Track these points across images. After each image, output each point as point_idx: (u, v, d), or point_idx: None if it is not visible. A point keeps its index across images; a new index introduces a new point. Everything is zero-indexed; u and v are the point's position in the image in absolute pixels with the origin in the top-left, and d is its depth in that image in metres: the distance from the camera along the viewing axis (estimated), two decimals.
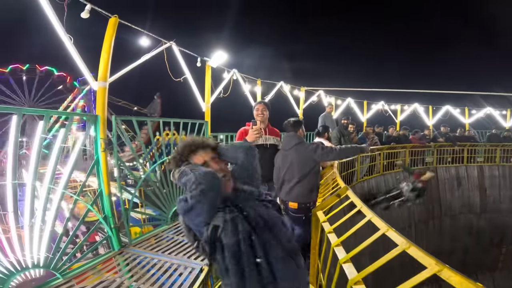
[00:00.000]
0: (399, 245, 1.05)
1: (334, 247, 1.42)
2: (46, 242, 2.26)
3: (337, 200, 1.99)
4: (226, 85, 5.46)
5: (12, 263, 2.13)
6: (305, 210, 2.69)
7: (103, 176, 2.74)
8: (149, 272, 2.60)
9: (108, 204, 2.82)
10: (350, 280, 1.14)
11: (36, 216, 2.21)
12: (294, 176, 2.69)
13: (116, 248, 2.98)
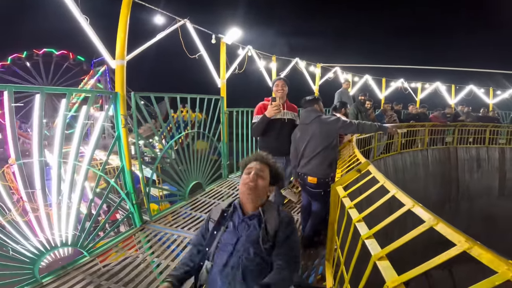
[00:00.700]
0: (426, 221, 1.00)
1: (355, 223, 1.39)
2: (73, 220, 2.37)
3: (358, 175, 1.96)
4: (241, 61, 5.43)
5: (42, 243, 2.23)
6: (324, 185, 2.67)
7: (124, 152, 2.82)
8: (169, 248, 2.74)
9: (130, 180, 2.92)
10: (373, 256, 1.11)
11: (63, 194, 2.31)
12: (315, 149, 2.66)
13: (137, 224, 3.12)
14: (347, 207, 1.58)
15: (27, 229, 2.13)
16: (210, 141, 4.44)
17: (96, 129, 2.67)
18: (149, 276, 2.32)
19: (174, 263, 2.51)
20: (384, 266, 1.02)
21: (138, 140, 3.09)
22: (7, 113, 1.96)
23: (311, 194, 2.85)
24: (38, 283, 2.16)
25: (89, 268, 2.40)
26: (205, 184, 4.43)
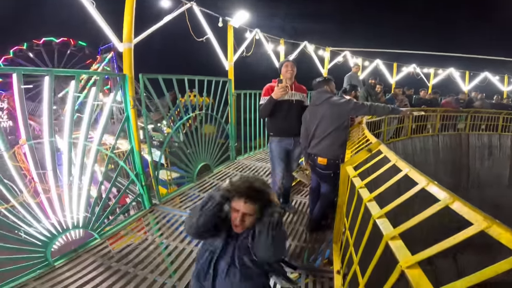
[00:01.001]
0: (442, 199, 0.94)
1: (366, 203, 1.36)
2: (84, 202, 2.40)
3: (368, 155, 1.93)
4: (249, 44, 5.34)
5: (54, 225, 2.27)
6: (333, 167, 2.65)
7: (133, 133, 2.85)
8: (178, 230, 2.78)
9: (139, 161, 2.95)
10: (385, 235, 1.06)
11: (73, 175, 2.34)
12: (325, 130, 2.64)
13: (147, 206, 3.18)
14: (357, 187, 1.55)
15: (39, 211, 2.16)
16: (218, 124, 4.45)
17: (105, 111, 2.68)
18: (157, 258, 2.37)
19: (183, 244, 2.56)
20: (397, 246, 0.97)
21: (147, 123, 3.08)
22: (17, 94, 1.98)
23: (320, 175, 2.84)
24: (50, 266, 2.21)
25: (100, 250, 2.45)
26: (213, 166, 4.47)
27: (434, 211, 0.95)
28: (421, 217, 0.98)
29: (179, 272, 2.20)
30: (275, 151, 3.09)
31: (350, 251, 1.67)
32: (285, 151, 3.10)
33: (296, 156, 3.23)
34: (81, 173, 2.37)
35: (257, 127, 5.49)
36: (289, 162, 3.21)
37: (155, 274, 2.17)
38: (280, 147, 3.07)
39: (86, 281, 2.08)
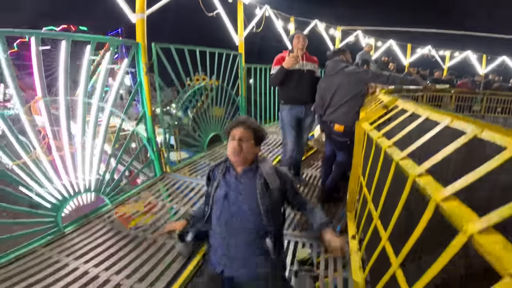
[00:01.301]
0: (470, 131, 0.88)
1: (386, 149, 1.30)
2: (96, 163, 2.41)
3: (384, 111, 1.87)
4: (259, 21, 5.31)
5: (66, 187, 2.26)
6: (350, 134, 2.59)
7: (146, 98, 2.88)
8: (187, 196, 2.80)
9: (151, 126, 2.98)
10: (411, 174, 0.98)
11: (87, 135, 2.35)
12: (343, 98, 2.62)
13: (158, 174, 3.22)
14: (375, 138, 1.51)
15: (51, 170, 2.16)
16: (227, 102, 4.43)
17: (118, 76, 2.66)
18: (167, 223, 2.36)
19: (193, 209, 2.56)
20: (427, 181, 0.88)
21: (160, 90, 3.08)
22: (35, 56, 2.05)
23: (336, 143, 2.82)
24: (61, 232, 2.20)
25: (111, 216, 2.47)
26: (224, 137, 4.49)
27: (462, 144, 0.89)
28: (449, 150, 0.92)
29: None
30: (285, 119, 3.08)
31: (368, 208, 1.61)
32: (296, 119, 3.08)
33: (308, 124, 3.20)
34: (95, 133, 2.38)
35: (267, 100, 5.52)
36: (300, 131, 3.19)
37: (164, 237, 2.16)
38: (291, 115, 3.05)
39: (95, 246, 2.07)
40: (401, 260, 0.99)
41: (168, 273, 1.81)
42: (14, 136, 1.91)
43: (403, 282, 0.96)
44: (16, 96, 1.96)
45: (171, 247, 2.06)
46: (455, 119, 1.04)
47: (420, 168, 0.96)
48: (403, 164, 1.10)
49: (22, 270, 1.81)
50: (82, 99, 2.29)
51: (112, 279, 1.77)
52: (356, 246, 1.93)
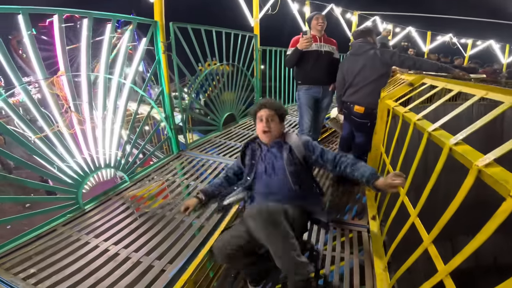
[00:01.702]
0: (506, 101, 0.87)
1: (416, 122, 1.26)
2: (116, 138, 2.44)
3: (408, 89, 1.80)
4: (274, 3, 5.20)
5: (86, 161, 2.27)
6: (371, 116, 2.55)
7: (164, 76, 2.90)
8: (203, 174, 2.81)
9: (169, 104, 3.00)
10: (447, 144, 0.93)
11: (108, 110, 2.37)
12: (367, 78, 2.56)
13: (175, 151, 3.25)
14: (402, 112, 1.45)
15: (72, 144, 2.19)
16: (243, 81, 4.43)
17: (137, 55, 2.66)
18: (190, 195, 2.41)
19: None
20: (464, 150, 0.85)
21: (177, 67, 3.07)
22: (58, 33, 2.10)
23: (356, 124, 2.77)
24: (81, 209, 2.22)
25: (130, 193, 2.50)
26: (238, 117, 4.57)
27: (497, 114, 0.86)
28: (485, 120, 0.90)
29: (206, 212, 2.19)
30: (302, 99, 3.06)
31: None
32: (313, 99, 3.06)
33: (325, 106, 3.18)
34: (115, 108, 2.40)
35: (283, 82, 5.51)
36: (317, 111, 3.17)
37: (183, 214, 2.17)
38: (308, 95, 3.03)
39: (115, 224, 2.08)
40: (435, 235, 0.96)
41: (187, 249, 1.82)
42: (37, 108, 1.94)
43: (437, 258, 0.93)
44: (39, 69, 1.98)
45: (190, 225, 2.08)
46: (491, 91, 1.01)
47: (456, 137, 0.93)
48: (437, 134, 1.05)
49: (42, 249, 1.83)
50: (103, 73, 2.32)
51: (131, 257, 1.78)
52: (376, 227, 1.91)
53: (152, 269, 1.69)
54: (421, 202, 1.13)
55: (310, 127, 3.09)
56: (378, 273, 1.53)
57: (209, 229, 1.99)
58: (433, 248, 0.98)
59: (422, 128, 1.17)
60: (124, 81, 2.48)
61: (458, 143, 0.91)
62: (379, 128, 1.97)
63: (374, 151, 2.13)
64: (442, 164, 0.99)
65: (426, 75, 1.73)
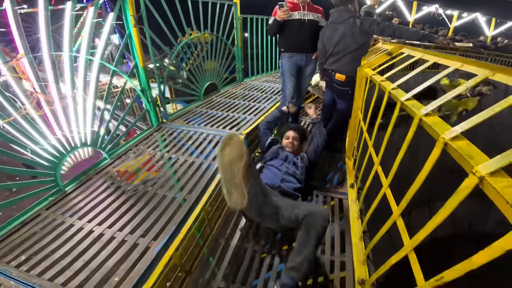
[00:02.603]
0: (480, 73, 0.85)
1: (390, 91, 1.26)
2: (90, 116, 2.32)
3: (387, 58, 1.79)
4: None
5: (61, 142, 2.16)
6: (352, 84, 2.57)
7: (137, 49, 2.73)
8: (184, 146, 2.77)
9: (145, 77, 2.86)
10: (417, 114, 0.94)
11: (77, 88, 2.24)
12: (347, 47, 2.57)
13: (154, 124, 3.16)
14: (378, 81, 1.45)
15: (44, 125, 2.08)
16: (223, 50, 4.28)
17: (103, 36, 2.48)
18: (167, 173, 2.36)
19: (192, 158, 2.55)
20: (434, 121, 0.85)
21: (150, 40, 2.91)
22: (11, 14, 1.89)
23: (337, 92, 2.81)
24: (62, 191, 2.15)
25: (110, 170, 2.44)
26: (220, 86, 4.45)
27: (474, 84, 0.85)
28: (456, 92, 0.91)
29: (188, 185, 2.19)
30: (285, 66, 3.06)
31: (369, 155, 1.60)
32: (295, 66, 3.07)
33: (308, 73, 3.18)
34: (85, 84, 2.27)
35: (265, 50, 5.40)
36: (300, 79, 3.19)
37: (165, 189, 2.17)
38: (290, 63, 3.04)
39: (97, 203, 2.05)
40: (403, 207, 0.98)
41: (170, 225, 1.84)
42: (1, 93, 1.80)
43: (404, 231, 0.96)
44: None
45: (172, 199, 2.07)
46: (465, 63, 1.00)
47: (426, 108, 0.93)
48: (409, 104, 1.06)
49: (29, 235, 1.80)
50: (68, 52, 2.15)
51: (116, 236, 1.78)
52: (354, 195, 1.97)
53: (137, 247, 1.69)
54: (392, 172, 1.14)
55: (292, 94, 3.10)
56: (354, 242, 1.59)
57: (192, 202, 2.01)
58: (401, 221, 1.00)
59: (396, 97, 1.17)
60: (91, 58, 2.32)
61: (428, 114, 0.91)
62: (358, 95, 1.98)
63: (354, 117, 2.16)
64: (412, 134, 0.99)
65: (404, 45, 1.71)
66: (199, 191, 2.12)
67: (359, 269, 1.45)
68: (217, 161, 1.44)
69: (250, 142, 3.49)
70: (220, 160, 1.32)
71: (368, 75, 1.57)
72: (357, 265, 1.48)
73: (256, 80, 5.34)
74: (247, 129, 3.01)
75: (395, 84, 1.30)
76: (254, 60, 5.35)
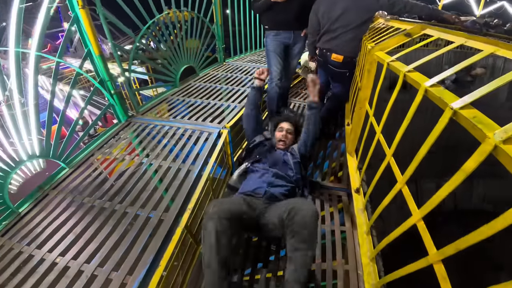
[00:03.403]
0: (485, 49, 0.85)
1: (406, 73, 1.03)
2: (34, 123, 1.85)
3: (405, 40, 1.46)
4: None
5: (1, 158, 1.74)
6: (349, 65, 2.33)
7: (88, 34, 2.19)
8: (161, 143, 2.35)
9: (102, 66, 2.33)
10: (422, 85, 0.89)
11: (9, 88, 1.72)
12: (349, 24, 2.27)
13: (122, 119, 2.67)
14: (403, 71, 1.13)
15: None
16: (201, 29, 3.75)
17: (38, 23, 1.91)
18: (143, 178, 1.99)
19: (167, 162, 2.15)
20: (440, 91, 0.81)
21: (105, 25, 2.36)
22: None
23: (333, 73, 2.54)
24: (16, 214, 1.79)
25: (70, 183, 2.03)
26: (199, 69, 3.92)
27: (476, 60, 0.84)
28: (462, 65, 0.87)
29: (164, 202, 1.81)
30: (270, 46, 2.72)
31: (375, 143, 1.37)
32: (282, 45, 2.73)
33: (297, 52, 2.85)
34: (21, 85, 1.76)
35: (248, 27, 4.95)
36: (287, 59, 2.86)
37: (137, 207, 1.78)
38: (276, 41, 2.69)
39: (57, 227, 1.71)
40: (409, 175, 0.95)
41: (147, 254, 1.51)
42: None
43: (410, 200, 0.93)
44: None
45: (146, 219, 1.70)
46: (469, 40, 0.99)
47: (432, 80, 0.89)
48: (413, 76, 0.99)
49: None
50: None
51: (84, 269, 1.46)
52: (361, 204, 1.69)
53: (111, 284, 1.39)
54: (396, 141, 1.09)
55: (280, 75, 2.79)
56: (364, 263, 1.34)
57: (170, 223, 1.66)
58: (407, 189, 0.98)
59: (397, 69, 1.10)
60: (25, 50, 1.80)
61: (434, 85, 0.86)
62: (366, 83, 1.65)
63: (358, 110, 1.85)
64: (417, 105, 0.95)
65: (427, 25, 1.39)
66: (178, 207, 1.76)
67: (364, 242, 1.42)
68: None
69: (235, 134, 3.14)
70: None
71: (384, 61, 1.23)
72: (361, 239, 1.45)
73: (240, 60, 4.86)
74: (230, 122, 2.59)
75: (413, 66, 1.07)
76: (236, 38, 4.82)
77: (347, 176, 2.19)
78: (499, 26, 7.61)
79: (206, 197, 2.06)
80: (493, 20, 7.83)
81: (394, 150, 1.12)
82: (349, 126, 2.46)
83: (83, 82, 11.28)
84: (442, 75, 0.88)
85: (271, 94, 2.97)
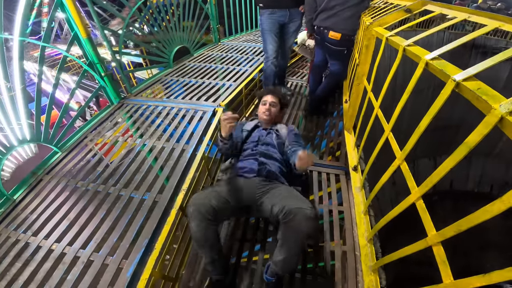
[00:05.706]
0: (489, 24, 0.83)
1: (406, 47, 1.00)
2: (23, 108, 1.79)
3: (404, 16, 1.40)
4: None
5: None
6: (348, 43, 2.27)
7: (74, 17, 2.09)
8: (151, 127, 2.30)
9: (91, 48, 2.24)
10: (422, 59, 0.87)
11: None
12: (346, 1, 2.18)
13: (114, 101, 2.61)
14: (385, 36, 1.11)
15: None
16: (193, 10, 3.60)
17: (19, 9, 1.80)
18: (131, 166, 1.93)
19: (161, 142, 2.11)
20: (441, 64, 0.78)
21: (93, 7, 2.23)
22: None
23: (330, 52, 2.47)
24: (11, 201, 1.77)
25: (63, 167, 1.99)
26: (193, 49, 3.81)
27: (481, 33, 0.81)
28: (463, 40, 0.82)
29: (159, 182, 1.79)
30: (265, 25, 2.62)
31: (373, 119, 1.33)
32: (277, 24, 2.63)
33: (293, 30, 2.76)
34: (5, 69, 1.69)
35: (242, 6, 4.76)
36: (283, 38, 2.78)
37: (130, 189, 1.76)
38: (272, 19, 2.59)
39: (52, 213, 1.69)
40: (408, 150, 0.93)
41: (142, 238, 1.49)
42: None
43: (409, 177, 0.90)
44: None
45: (140, 202, 1.69)
46: (472, 15, 0.94)
47: (433, 53, 0.85)
48: (413, 49, 0.95)
49: None
50: None
51: (80, 255, 1.46)
52: (358, 182, 1.68)
53: (107, 268, 1.40)
54: (395, 114, 1.06)
55: (276, 53, 2.73)
56: None
57: (165, 205, 1.65)
58: (405, 166, 0.95)
59: (396, 44, 1.07)
60: (10, 36, 1.71)
61: (435, 58, 0.83)
62: (364, 59, 1.60)
63: (356, 85, 1.80)
64: (417, 79, 0.92)
65: (428, 1, 1.32)
66: (172, 188, 1.74)
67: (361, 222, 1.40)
68: None
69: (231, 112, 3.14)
70: None
71: (383, 36, 1.17)
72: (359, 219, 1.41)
73: (235, 40, 4.71)
74: (225, 100, 2.54)
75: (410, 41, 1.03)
76: (231, 18, 4.64)
77: (345, 155, 2.16)
78: (502, 11, 7.41)
79: (203, 175, 2.05)
80: (496, 4, 7.67)
81: (393, 125, 1.08)
82: (347, 103, 2.42)
83: (76, 68, 11.05)
84: (443, 49, 0.85)
85: (267, 73, 2.90)
